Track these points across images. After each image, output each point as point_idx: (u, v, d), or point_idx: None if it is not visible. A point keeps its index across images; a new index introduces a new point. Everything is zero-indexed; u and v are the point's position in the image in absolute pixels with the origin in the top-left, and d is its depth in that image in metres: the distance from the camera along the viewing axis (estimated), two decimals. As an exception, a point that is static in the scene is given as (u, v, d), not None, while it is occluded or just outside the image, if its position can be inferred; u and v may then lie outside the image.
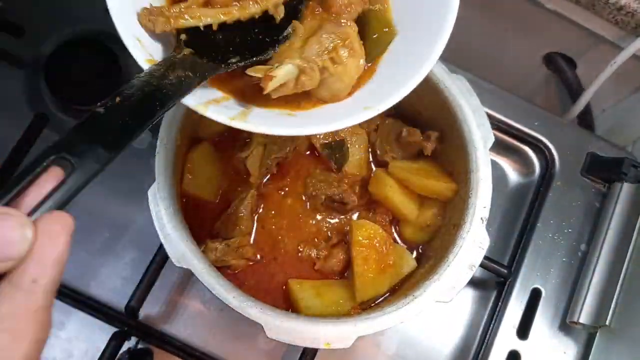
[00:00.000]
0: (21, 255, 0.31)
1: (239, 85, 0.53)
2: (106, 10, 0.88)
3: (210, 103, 0.49)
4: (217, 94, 0.51)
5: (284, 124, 0.51)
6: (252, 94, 0.52)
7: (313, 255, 0.74)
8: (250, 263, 0.73)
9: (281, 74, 0.49)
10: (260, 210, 0.75)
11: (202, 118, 0.68)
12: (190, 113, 0.68)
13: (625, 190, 0.85)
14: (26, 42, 0.86)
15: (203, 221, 0.74)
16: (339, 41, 0.51)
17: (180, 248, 0.62)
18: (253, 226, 0.74)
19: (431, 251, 0.74)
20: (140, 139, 0.85)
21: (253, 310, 0.61)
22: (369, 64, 0.55)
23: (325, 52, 0.50)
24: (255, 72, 0.50)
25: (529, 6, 0.92)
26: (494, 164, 0.87)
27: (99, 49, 0.84)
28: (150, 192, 0.64)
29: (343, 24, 0.52)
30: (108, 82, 0.83)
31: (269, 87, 0.49)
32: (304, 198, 0.76)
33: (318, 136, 0.76)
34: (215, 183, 0.74)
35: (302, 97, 0.53)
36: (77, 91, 0.82)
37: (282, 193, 0.76)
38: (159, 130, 0.65)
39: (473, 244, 0.66)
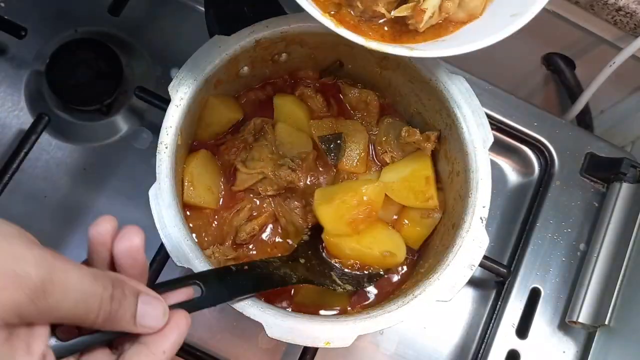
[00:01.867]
0: (158, 328, 0.43)
1: (383, 34, 0.55)
2: (108, 11, 0.89)
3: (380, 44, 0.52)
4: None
5: (440, 46, 0.53)
6: (395, 37, 0.55)
7: None
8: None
9: (430, 4, 0.52)
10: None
11: (202, 119, 0.69)
12: (189, 114, 0.68)
13: (624, 190, 0.85)
14: (28, 42, 0.86)
15: (203, 225, 0.74)
16: None
17: (181, 248, 0.62)
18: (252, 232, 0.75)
19: (430, 251, 0.74)
20: (141, 139, 0.85)
21: (253, 309, 0.61)
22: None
23: None
24: (404, 11, 0.53)
25: (528, 7, 0.92)
26: (494, 164, 0.88)
27: (100, 49, 0.84)
28: (151, 192, 0.64)
29: None
30: (109, 82, 0.83)
31: (424, 19, 0.52)
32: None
33: (314, 131, 0.76)
34: (215, 190, 0.74)
35: (442, 26, 0.56)
36: (79, 92, 0.83)
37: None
38: (160, 131, 0.66)
39: (472, 243, 0.66)
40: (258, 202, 0.75)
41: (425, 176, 0.73)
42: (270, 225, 0.75)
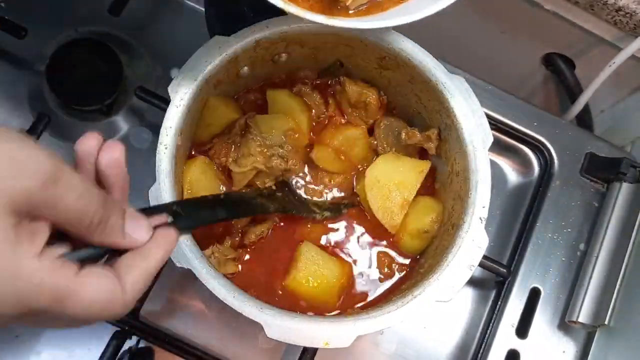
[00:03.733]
0: (145, 241, 0.45)
1: (314, 3, 0.57)
2: (108, 11, 0.89)
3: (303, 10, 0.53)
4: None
5: (374, 19, 0.55)
6: (325, 10, 0.56)
7: None
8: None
9: None
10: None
11: (201, 119, 0.69)
12: (189, 114, 0.68)
13: (624, 190, 0.85)
14: (28, 42, 0.86)
15: (202, 231, 0.74)
16: None
17: (181, 248, 0.62)
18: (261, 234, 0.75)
19: (430, 251, 0.74)
20: (141, 139, 0.85)
21: (253, 309, 0.61)
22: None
23: None
24: None
25: (528, 7, 0.92)
26: (493, 164, 0.88)
27: (100, 49, 0.84)
28: (151, 192, 0.64)
29: None
30: (109, 82, 0.83)
31: None
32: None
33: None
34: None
35: (375, 6, 0.58)
36: (79, 92, 0.83)
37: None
38: (160, 131, 0.66)
39: (472, 243, 0.66)
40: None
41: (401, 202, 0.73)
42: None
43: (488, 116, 0.72)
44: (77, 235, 0.41)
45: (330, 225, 0.77)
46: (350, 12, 0.56)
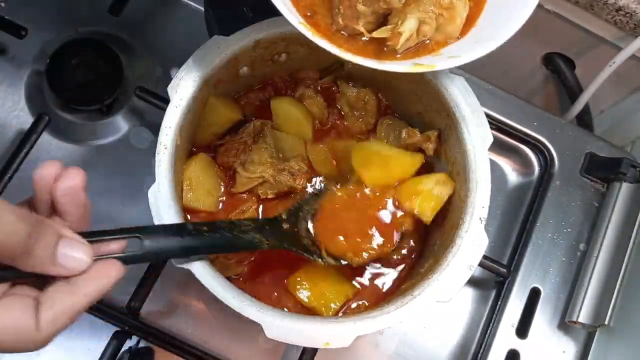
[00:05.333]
0: (78, 271, 0.43)
1: (362, 47, 0.57)
2: (108, 11, 0.89)
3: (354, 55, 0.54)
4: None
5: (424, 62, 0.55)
6: (376, 54, 0.57)
7: None
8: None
9: (407, 28, 0.54)
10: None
11: (201, 120, 0.69)
12: (189, 114, 0.68)
13: (624, 190, 0.85)
14: (28, 42, 0.86)
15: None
16: None
17: (181, 248, 0.62)
18: None
19: (430, 251, 0.74)
20: (141, 139, 0.85)
21: (252, 310, 0.61)
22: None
23: (437, 1, 0.55)
24: (382, 33, 0.55)
25: (528, 7, 0.92)
26: (493, 164, 0.88)
27: (100, 50, 0.84)
28: (150, 192, 0.64)
29: None
30: (109, 83, 0.83)
31: (400, 43, 0.54)
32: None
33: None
34: (215, 193, 0.74)
35: (423, 47, 0.58)
36: (79, 92, 0.83)
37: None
38: (159, 131, 0.66)
39: (472, 243, 0.66)
40: (263, 205, 0.76)
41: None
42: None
43: (488, 116, 0.72)
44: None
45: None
46: (398, 55, 0.57)
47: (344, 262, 0.70)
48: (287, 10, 0.51)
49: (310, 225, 0.70)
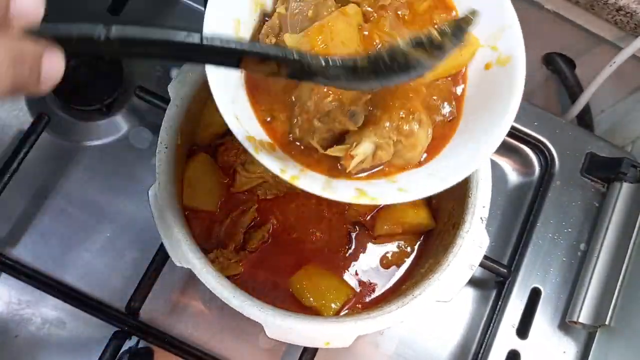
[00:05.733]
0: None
1: (316, 161, 0.55)
2: (108, 11, 0.88)
3: (297, 175, 0.52)
4: (298, 167, 0.54)
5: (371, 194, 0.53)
6: (330, 170, 0.55)
7: None
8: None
9: (360, 152, 0.53)
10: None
11: (201, 119, 0.69)
12: (189, 114, 0.68)
13: (624, 190, 0.85)
14: (27, 42, 0.86)
15: (203, 229, 0.74)
16: (409, 115, 0.53)
17: (181, 248, 0.62)
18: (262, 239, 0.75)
19: (430, 251, 0.74)
20: (141, 139, 0.85)
21: (253, 309, 0.61)
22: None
23: (397, 128, 0.53)
24: (335, 152, 0.54)
25: (528, 7, 0.92)
26: (494, 164, 0.88)
27: (99, 49, 0.84)
28: (151, 192, 0.64)
29: (410, 97, 0.55)
30: (109, 82, 0.83)
31: (351, 165, 0.53)
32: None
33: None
34: (216, 193, 0.74)
35: (376, 170, 0.56)
36: (79, 92, 0.83)
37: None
38: (160, 131, 0.66)
39: (473, 243, 0.66)
40: (262, 206, 0.76)
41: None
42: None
43: (488, 116, 0.72)
44: None
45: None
46: (352, 175, 0.55)
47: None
48: (235, 123, 0.50)
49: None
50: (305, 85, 0.54)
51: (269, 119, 0.55)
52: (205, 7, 0.81)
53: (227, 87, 0.52)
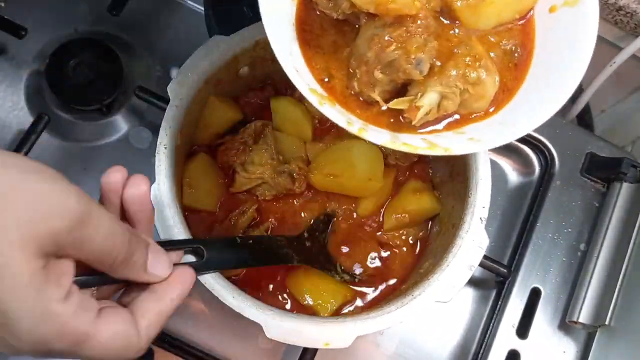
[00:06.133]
0: (164, 277, 0.45)
1: (375, 115, 0.53)
2: (108, 11, 0.88)
3: (364, 128, 0.50)
4: (360, 121, 0.52)
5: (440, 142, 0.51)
6: (391, 124, 0.53)
7: None
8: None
9: (426, 102, 0.50)
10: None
11: (201, 120, 0.69)
12: (189, 114, 0.68)
13: (624, 190, 0.85)
14: (28, 42, 0.86)
15: (203, 229, 0.74)
16: (476, 62, 0.51)
17: (181, 248, 0.62)
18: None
19: (430, 251, 0.74)
20: (141, 139, 0.85)
21: (252, 310, 0.61)
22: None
23: (463, 75, 0.50)
24: (398, 104, 0.51)
25: (529, 6, 0.92)
26: (494, 164, 0.88)
27: (100, 49, 0.84)
28: (150, 192, 0.64)
29: (475, 44, 0.52)
30: (109, 82, 0.83)
31: (417, 117, 0.50)
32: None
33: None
34: (215, 193, 0.74)
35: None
36: (79, 92, 0.83)
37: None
38: (159, 131, 0.66)
39: (472, 243, 0.66)
40: (261, 207, 0.76)
41: None
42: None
43: (488, 116, 0.72)
44: (99, 269, 0.42)
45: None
46: (420, 130, 0.52)
47: (357, 277, 0.74)
48: (296, 76, 0.48)
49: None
50: (361, 36, 0.51)
51: (326, 79, 0.53)
52: (205, 7, 0.81)
53: (283, 39, 0.51)
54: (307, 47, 0.53)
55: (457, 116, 0.53)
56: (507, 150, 0.91)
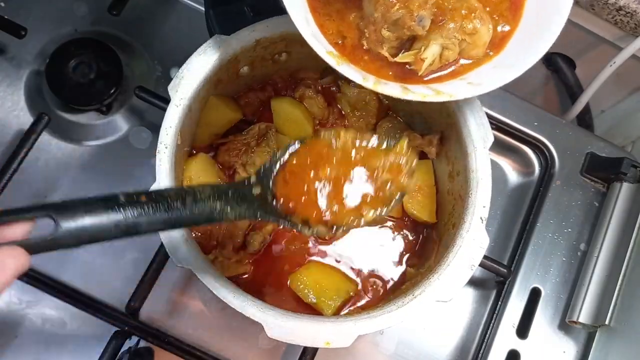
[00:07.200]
0: None
1: (381, 67, 0.59)
2: (108, 11, 0.88)
3: (378, 82, 0.55)
4: (373, 77, 0.57)
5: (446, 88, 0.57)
6: (399, 75, 0.58)
7: None
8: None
9: (429, 54, 0.56)
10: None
11: (201, 119, 0.68)
12: (189, 114, 0.68)
13: (624, 190, 0.85)
14: (28, 42, 0.86)
15: (203, 230, 0.74)
16: (471, 14, 0.56)
17: (181, 248, 0.62)
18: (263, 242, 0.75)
19: (431, 251, 0.74)
20: (141, 139, 0.85)
21: (253, 309, 0.61)
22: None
23: (460, 27, 0.56)
24: (405, 58, 0.57)
25: (529, 6, 0.92)
26: (494, 164, 0.87)
27: (100, 49, 0.84)
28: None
29: None
30: (109, 82, 0.83)
31: (422, 68, 0.56)
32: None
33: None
34: None
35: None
36: (78, 91, 0.83)
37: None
38: (159, 130, 0.66)
39: (473, 243, 0.66)
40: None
41: None
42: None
43: (488, 116, 0.72)
44: None
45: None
46: (424, 78, 0.58)
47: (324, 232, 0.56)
48: (315, 40, 0.53)
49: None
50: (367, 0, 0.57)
51: (340, 42, 0.58)
52: (205, 7, 0.81)
53: (299, 9, 0.55)
54: (318, 15, 0.58)
55: (459, 63, 0.59)
56: (507, 150, 0.91)
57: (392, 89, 0.55)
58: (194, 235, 0.68)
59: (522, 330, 0.82)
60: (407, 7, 0.54)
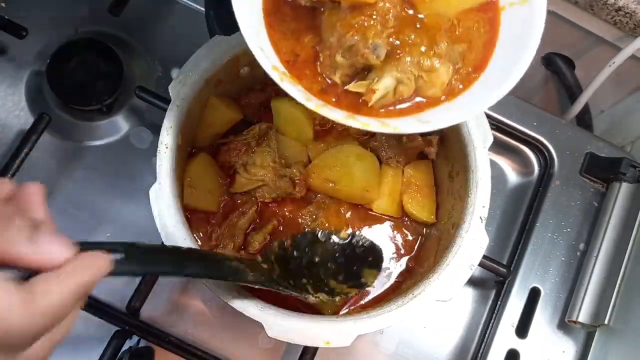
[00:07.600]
0: (60, 256, 0.41)
1: (337, 96, 0.56)
2: (108, 11, 0.89)
3: (322, 105, 0.52)
4: (320, 101, 0.54)
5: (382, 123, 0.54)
6: (353, 106, 0.55)
7: None
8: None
9: (382, 86, 0.53)
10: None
11: (202, 119, 0.69)
12: (190, 114, 0.69)
13: (623, 190, 0.85)
14: (28, 42, 0.86)
15: (203, 230, 0.74)
16: (430, 51, 0.53)
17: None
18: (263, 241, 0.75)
19: (430, 251, 0.74)
20: (141, 139, 0.85)
21: (253, 309, 0.61)
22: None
23: (417, 63, 0.53)
24: (356, 87, 0.54)
25: (528, 7, 0.92)
26: (493, 164, 0.88)
27: (100, 49, 0.84)
28: (151, 192, 0.64)
29: (432, 32, 0.54)
30: (109, 82, 0.83)
31: (373, 100, 0.53)
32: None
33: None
34: (216, 193, 0.75)
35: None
36: (79, 92, 0.83)
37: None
38: (160, 131, 0.66)
39: (472, 243, 0.66)
40: (261, 208, 0.76)
41: None
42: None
43: (488, 116, 0.72)
44: None
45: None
46: (381, 110, 0.55)
47: (337, 298, 0.66)
48: (261, 53, 0.51)
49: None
50: (325, 22, 0.55)
51: (292, 59, 0.56)
52: (206, 7, 0.81)
53: (251, 21, 0.53)
54: (273, 32, 0.56)
55: (414, 101, 0.56)
56: (506, 150, 0.91)
57: (336, 114, 0.52)
58: (194, 235, 0.68)
59: (522, 329, 0.82)
60: (363, 33, 0.52)
